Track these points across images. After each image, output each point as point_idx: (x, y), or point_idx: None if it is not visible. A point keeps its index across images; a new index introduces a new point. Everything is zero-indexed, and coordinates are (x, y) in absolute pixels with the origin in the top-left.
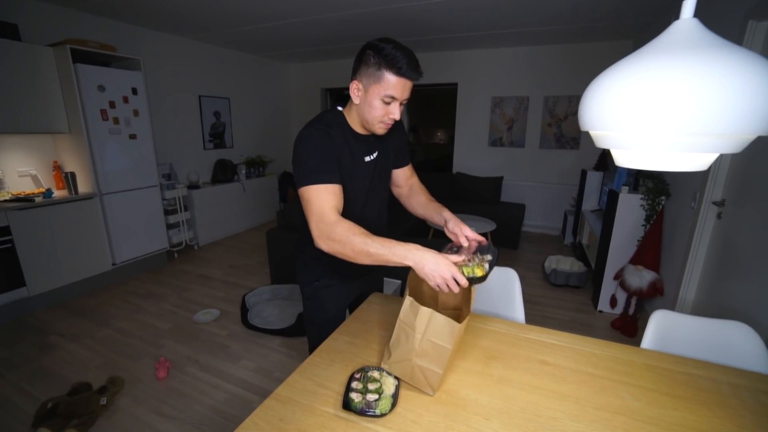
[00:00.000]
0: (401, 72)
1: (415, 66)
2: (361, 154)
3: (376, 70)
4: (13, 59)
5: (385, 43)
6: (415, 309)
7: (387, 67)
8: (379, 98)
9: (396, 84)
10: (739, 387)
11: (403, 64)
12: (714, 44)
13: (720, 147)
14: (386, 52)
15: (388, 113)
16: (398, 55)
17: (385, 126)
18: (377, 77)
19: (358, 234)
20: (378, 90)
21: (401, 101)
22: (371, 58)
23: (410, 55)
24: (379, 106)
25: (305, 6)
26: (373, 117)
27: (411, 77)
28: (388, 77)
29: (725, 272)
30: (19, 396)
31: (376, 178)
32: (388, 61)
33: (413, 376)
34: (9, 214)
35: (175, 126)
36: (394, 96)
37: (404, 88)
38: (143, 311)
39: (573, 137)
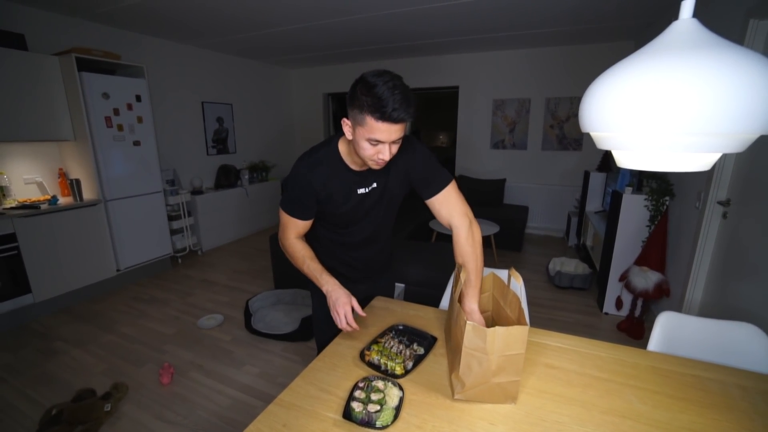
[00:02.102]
0: (384, 117)
1: (402, 108)
2: (353, 186)
3: (359, 112)
4: (20, 68)
5: (378, 78)
6: (480, 333)
7: (369, 111)
8: (365, 140)
9: (379, 128)
10: (749, 389)
11: (388, 108)
12: (713, 44)
13: (722, 147)
14: (374, 93)
15: (378, 153)
16: (385, 96)
17: (378, 164)
18: (361, 120)
19: (302, 255)
20: (363, 132)
21: (389, 143)
22: (358, 98)
23: (399, 96)
24: (367, 147)
25: (305, 13)
26: (364, 156)
27: (395, 121)
28: (370, 122)
29: (732, 272)
30: (23, 402)
31: (373, 205)
32: (371, 104)
33: (491, 395)
34: (15, 221)
35: (178, 132)
36: (378, 140)
37: (390, 132)
38: (147, 317)
39: (575, 138)
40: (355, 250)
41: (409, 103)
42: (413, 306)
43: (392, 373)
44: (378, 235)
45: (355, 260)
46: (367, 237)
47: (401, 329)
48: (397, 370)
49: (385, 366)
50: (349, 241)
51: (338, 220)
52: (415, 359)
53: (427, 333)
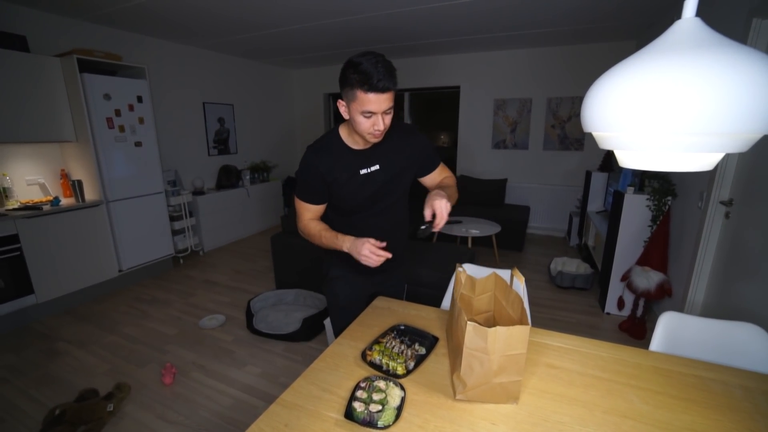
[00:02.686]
0: (371, 88)
1: (385, 77)
2: (356, 167)
3: (350, 89)
4: (22, 70)
5: (362, 57)
6: (481, 333)
7: (358, 85)
8: (359, 114)
9: (369, 99)
10: (752, 390)
11: (374, 79)
12: (717, 43)
13: (725, 146)
14: (360, 69)
15: (373, 125)
16: (370, 70)
17: (376, 136)
18: (352, 95)
19: (317, 229)
20: (356, 107)
21: (381, 113)
22: (347, 77)
23: (382, 69)
24: (362, 121)
25: (306, 13)
26: (362, 130)
27: (381, 90)
28: (360, 95)
29: (734, 272)
30: (26, 402)
31: (378, 188)
32: (358, 79)
33: (493, 395)
34: (17, 222)
35: (179, 133)
36: (371, 111)
37: (379, 102)
38: (149, 317)
39: (577, 138)
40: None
41: (392, 73)
42: (415, 306)
43: (394, 373)
44: (388, 223)
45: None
46: (377, 224)
47: (403, 329)
48: (398, 370)
49: (387, 366)
50: (360, 227)
51: (346, 203)
52: (416, 359)
53: (429, 333)
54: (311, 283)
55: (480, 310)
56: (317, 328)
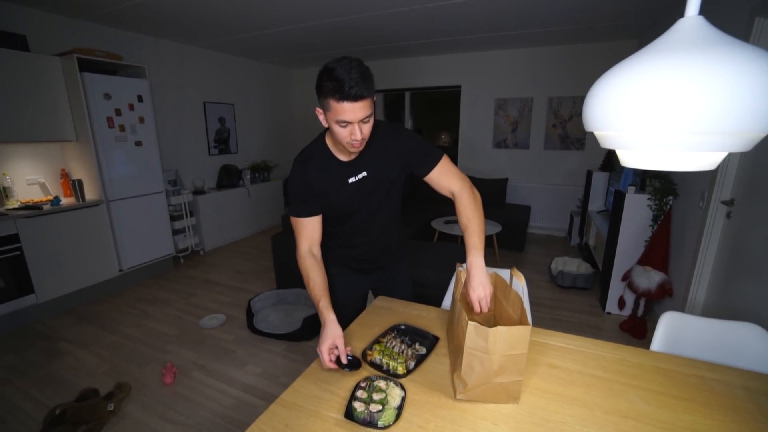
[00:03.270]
0: (343, 97)
1: (359, 84)
2: (344, 176)
3: (323, 98)
4: (22, 69)
5: (337, 62)
6: (482, 333)
7: (330, 94)
8: (335, 123)
9: (343, 108)
10: (754, 390)
11: (345, 87)
12: (720, 41)
13: (728, 146)
14: (333, 76)
15: (351, 134)
16: (342, 77)
17: (354, 146)
18: (326, 105)
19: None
20: (331, 116)
21: (358, 122)
22: (321, 84)
23: (356, 75)
24: (339, 130)
25: (306, 13)
26: (340, 140)
27: (355, 98)
28: (334, 104)
29: (736, 272)
30: (27, 402)
31: (367, 194)
32: (331, 88)
33: (494, 395)
34: (18, 222)
35: (180, 132)
36: (346, 120)
37: (354, 110)
38: (150, 317)
39: (578, 138)
40: (356, 242)
41: (366, 80)
42: (415, 306)
43: (394, 372)
44: (377, 225)
45: (358, 252)
46: (366, 228)
47: (403, 329)
48: (399, 370)
49: (387, 366)
50: (349, 233)
51: (335, 213)
52: (417, 359)
53: (429, 333)
54: None
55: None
56: (318, 328)
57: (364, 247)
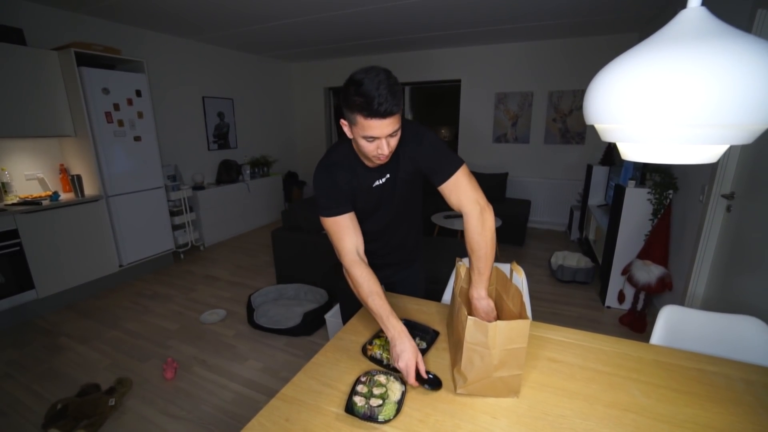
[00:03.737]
0: (372, 114)
1: (388, 100)
2: (370, 180)
3: (350, 113)
4: (19, 64)
5: (365, 75)
6: (482, 327)
7: (358, 109)
8: (362, 138)
9: (371, 125)
10: (754, 383)
11: (374, 104)
12: (723, 32)
13: (730, 138)
14: (361, 91)
15: (377, 148)
16: (371, 93)
17: (381, 159)
18: (353, 119)
19: (368, 288)
20: (358, 131)
21: (385, 137)
22: (348, 98)
23: (385, 90)
24: (365, 144)
25: (305, 6)
26: (366, 153)
27: (384, 116)
28: (361, 120)
29: (735, 266)
30: (29, 397)
31: (389, 198)
32: (359, 103)
33: (494, 389)
34: (17, 218)
35: (179, 127)
36: (373, 136)
37: (382, 126)
38: (150, 312)
39: (578, 132)
40: (373, 239)
41: (395, 95)
42: (415, 300)
43: (394, 367)
44: (395, 225)
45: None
46: (384, 227)
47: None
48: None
49: (388, 360)
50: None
51: (358, 214)
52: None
53: (430, 327)
54: (312, 277)
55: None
56: (318, 323)
57: (379, 244)
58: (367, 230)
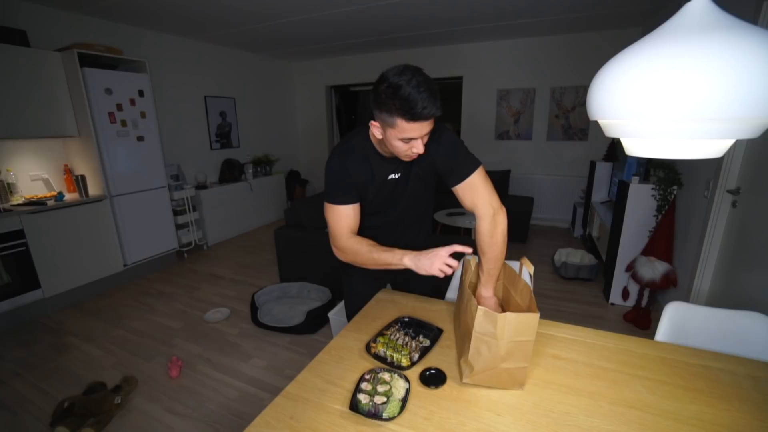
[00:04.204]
0: (414, 117)
1: (430, 104)
2: (384, 173)
3: (388, 116)
4: (23, 65)
5: (401, 78)
6: (491, 318)
7: (399, 113)
8: (398, 140)
9: (412, 128)
10: (760, 380)
11: (417, 108)
12: (728, 25)
13: (736, 132)
14: (400, 95)
15: (411, 147)
16: (413, 97)
17: (411, 157)
18: (391, 122)
19: (365, 245)
20: (394, 133)
21: (422, 137)
22: (385, 102)
23: (425, 93)
24: (400, 145)
25: (307, 4)
26: (398, 152)
27: (426, 118)
28: (401, 123)
29: (741, 262)
30: (37, 395)
31: (402, 195)
32: (399, 107)
33: (499, 380)
34: (23, 218)
35: (181, 127)
36: (411, 137)
37: (422, 128)
38: (155, 311)
39: (581, 128)
40: (383, 235)
41: (435, 97)
42: (419, 298)
43: (398, 365)
44: (407, 222)
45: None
46: (396, 223)
47: (407, 321)
48: (403, 362)
49: (391, 358)
50: (377, 226)
51: (370, 207)
52: (421, 351)
53: (433, 325)
54: (315, 275)
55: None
56: (321, 321)
57: (390, 240)
58: (377, 225)
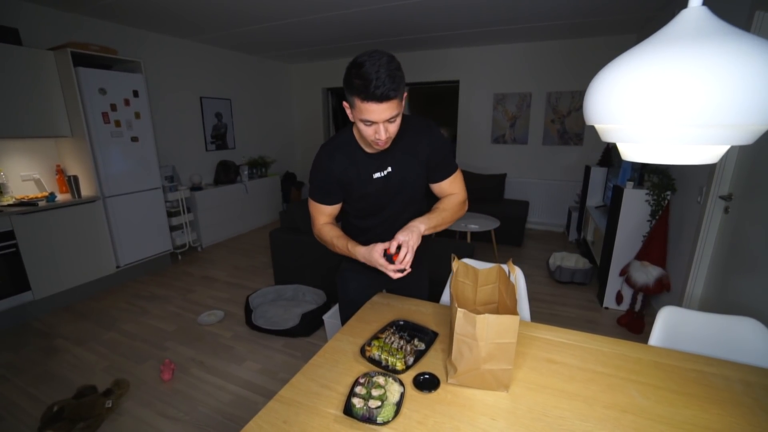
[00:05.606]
0: (368, 97)
1: (385, 85)
2: (370, 171)
3: (349, 95)
4: (15, 64)
5: (367, 57)
6: (470, 319)
7: (356, 92)
8: (360, 121)
9: (368, 109)
10: (752, 384)
11: (371, 87)
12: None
13: (731, 138)
14: (360, 73)
15: (375, 132)
16: (370, 76)
17: (379, 145)
18: (352, 102)
19: (330, 236)
20: (356, 114)
21: (383, 122)
22: (348, 79)
23: (384, 74)
24: (364, 128)
25: (303, 6)
26: (365, 137)
27: (380, 99)
28: (358, 103)
29: (733, 267)
30: (25, 399)
31: (392, 191)
32: (357, 85)
33: (483, 381)
34: (13, 219)
35: (176, 128)
36: (370, 120)
37: (379, 111)
38: (148, 313)
39: (576, 133)
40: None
41: (394, 79)
42: (414, 301)
43: (393, 368)
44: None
45: None
46: (389, 227)
47: (402, 324)
48: (397, 366)
49: (386, 362)
50: (371, 231)
51: (358, 205)
52: (416, 355)
53: (428, 328)
54: (310, 278)
55: (483, 301)
56: (316, 324)
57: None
58: (372, 226)
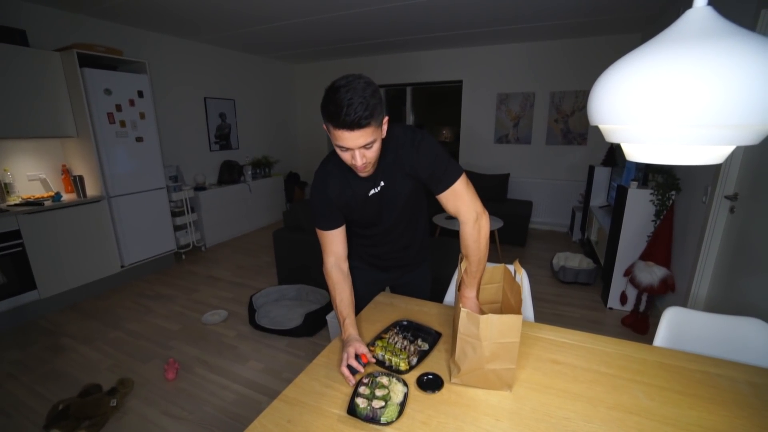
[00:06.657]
0: (338, 125)
1: (354, 113)
2: (364, 189)
3: (324, 119)
4: (22, 65)
5: (343, 81)
6: (474, 319)
7: (328, 119)
8: (337, 146)
9: (340, 136)
10: (759, 386)
11: (341, 114)
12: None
13: (737, 139)
14: (333, 99)
15: (352, 158)
16: (341, 103)
17: (359, 170)
18: (327, 128)
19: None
20: (332, 139)
21: (358, 148)
22: (323, 104)
23: (357, 101)
24: (341, 153)
25: (307, 7)
26: (347, 162)
27: (350, 128)
28: (331, 129)
29: (739, 267)
30: (32, 397)
31: (387, 208)
32: (329, 112)
33: (486, 381)
34: (19, 218)
35: (181, 128)
36: (344, 146)
37: (351, 138)
38: (152, 313)
39: (580, 133)
40: (378, 244)
41: (367, 107)
42: (417, 301)
43: (397, 368)
44: (399, 232)
45: (380, 252)
46: (388, 235)
47: (405, 325)
48: (401, 366)
49: (390, 362)
50: (371, 237)
51: (358, 222)
52: (419, 355)
53: (432, 328)
54: (313, 278)
55: (487, 300)
56: (319, 324)
57: (385, 248)
58: (371, 235)
